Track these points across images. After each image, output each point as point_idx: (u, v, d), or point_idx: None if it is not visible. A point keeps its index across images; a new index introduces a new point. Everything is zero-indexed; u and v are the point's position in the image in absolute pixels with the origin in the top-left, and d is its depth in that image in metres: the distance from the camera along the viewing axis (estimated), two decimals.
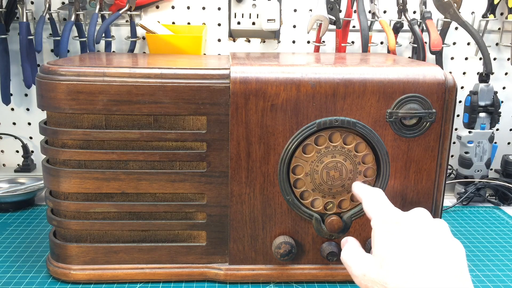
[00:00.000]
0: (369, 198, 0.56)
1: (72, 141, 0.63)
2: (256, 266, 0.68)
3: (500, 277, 0.72)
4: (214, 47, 1.04)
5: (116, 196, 0.65)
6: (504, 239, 0.85)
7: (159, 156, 0.64)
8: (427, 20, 0.98)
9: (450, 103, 0.63)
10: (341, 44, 0.99)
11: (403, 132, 0.63)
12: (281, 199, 0.65)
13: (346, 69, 0.62)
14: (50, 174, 0.65)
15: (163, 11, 1.02)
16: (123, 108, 0.62)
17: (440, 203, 0.67)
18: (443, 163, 0.65)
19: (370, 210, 0.54)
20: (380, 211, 0.52)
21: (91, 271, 0.67)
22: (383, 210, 0.52)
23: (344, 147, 0.63)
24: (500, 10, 1.03)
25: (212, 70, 0.62)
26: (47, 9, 0.97)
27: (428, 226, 0.48)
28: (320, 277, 0.68)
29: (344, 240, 0.57)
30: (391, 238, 0.47)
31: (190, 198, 0.66)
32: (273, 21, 0.97)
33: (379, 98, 0.62)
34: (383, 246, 0.47)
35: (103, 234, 0.67)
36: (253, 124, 0.62)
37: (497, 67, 1.07)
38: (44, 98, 0.62)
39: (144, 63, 0.68)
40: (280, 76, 0.61)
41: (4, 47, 0.99)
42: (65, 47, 0.95)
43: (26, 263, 0.73)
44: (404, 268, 0.44)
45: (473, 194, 0.99)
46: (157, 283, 0.68)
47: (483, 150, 0.99)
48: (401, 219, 0.49)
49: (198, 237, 0.68)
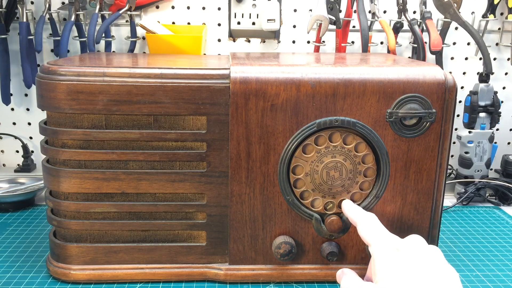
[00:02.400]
0: (365, 223, 0.56)
1: (72, 141, 0.63)
2: (256, 266, 0.68)
3: (500, 277, 0.72)
4: (214, 47, 1.04)
5: (116, 196, 0.65)
6: (504, 239, 0.85)
7: (159, 156, 0.64)
8: (427, 20, 0.98)
9: (450, 103, 0.63)
10: (341, 44, 0.99)
11: (403, 132, 0.63)
12: (281, 199, 0.65)
13: (346, 69, 0.62)
14: (50, 174, 0.65)
15: (163, 11, 1.02)
16: (123, 108, 0.62)
17: (440, 203, 0.67)
18: (443, 163, 0.65)
19: (368, 237, 0.54)
20: (379, 238, 0.53)
21: (91, 271, 0.67)
22: (382, 237, 0.53)
23: (344, 147, 0.63)
24: (500, 10, 1.03)
25: (212, 70, 0.62)
26: (47, 9, 0.97)
27: (425, 253, 0.49)
28: (320, 277, 0.68)
29: (340, 272, 0.57)
30: (393, 267, 0.48)
31: (190, 198, 0.66)
32: (273, 21, 0.97)
33: (379, 98, 0.62)
34: (385, 275, 0.48)
35: (103, 234, 0.67)
36: (253, 124, 0.62)
37: (497, 67, 1.07)
38: (44, 98, 0.62)
39: (144, 63, 0.68)
40: (280, 76, 0.61)
41: (4, 47, 0.99)
42: (65, 47, 0.95)
43: (26, 263, 0.73)
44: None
45: (473, 194, 0.99)
46: (157, 283, 0.68)
47: (483, 150, 0.99)
48: (400, 247, 0.50)
49: (198, 237, 0.68)
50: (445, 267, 0.48)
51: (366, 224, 0.56)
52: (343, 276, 0.56)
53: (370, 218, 0.56)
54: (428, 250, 0.50)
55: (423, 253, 0.49)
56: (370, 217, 0.57)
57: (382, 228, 0.55)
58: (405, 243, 0.51)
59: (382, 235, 0.53)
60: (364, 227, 0.55)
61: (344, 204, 0.62)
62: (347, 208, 0.61)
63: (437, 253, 0.50)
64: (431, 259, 0.48)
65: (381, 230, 0.54)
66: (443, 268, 0.48)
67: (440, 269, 0.47)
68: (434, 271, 0.47)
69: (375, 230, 0.54)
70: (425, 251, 0.50)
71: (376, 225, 0.55)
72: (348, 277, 0.54)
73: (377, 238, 0.53)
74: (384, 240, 0.52)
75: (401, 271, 0.47)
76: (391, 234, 0.54)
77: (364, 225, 0.56)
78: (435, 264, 0.48)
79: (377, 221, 0.56)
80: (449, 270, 0.48)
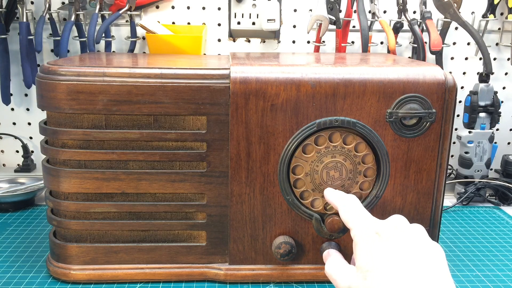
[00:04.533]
0: (345, 207, 0.55)
1: (72, 141, 0.63)
2: (256, 266, 0.68)
3: (500, 277, 0.72)
4: (214, 47, 1.04)
5: (116, 196, 0.65)
6: (504, 239, 0.85)
7: (159, 156, 0.64)
8: (427, 20, 0.98)
9: (450, 103, 0.63)
10: (341, 44, 0.99)
11: (403, 132, 0.63)
12: (281, 199, 0.65)
13: (346, 69, 0.62)
14: (50, 174, 0.65)
15: (163, 11, 1.02)
16: (123, 108, 0.62)
17: (440, 203, 0.67)
18: (443, 163, 0.65)
19: (348, 220, 0.54)
20: (359, 222, 0.52)
21: (91, 271, 0.67)
22: (362, 220, 0.52)
23: (344, 147, 0.63)
24: (500, 10, 1.03)
25: (212, 70, 0.62)
26: (47, 9, 0.97)
27: (407, 233, 0.48)
28: (320, 277, 0.68)
29: (326, 253, 0.57)
30: (373, 250, 0.48)
31: (190, 198, 0.66)
32: (273, 21, 0.97)
33: (379, 98, 0.62)
34: (366, 258, 0.48)
35: (103, 234, 0.67)
36: (253, 124, 0.62)
37: (497, 67, 1.07)
38: (44, 98, 0.62)
39: (144, 63, 0.68)
40: (280, 76, 0.61)
41: (4, 47, 0.99)
42: (65, 47, 0.95)
43: (26, 263, 0.73)
44: (388, 279, 0.45)
45: (473, 194, 0.99)
46: (157, 283, 0.68)
47: (483, 150, 0.99)
48: (380, 229, 0.50)
49: (198, 237, 0.68)
50: (428, 245, 0.47)
51: (347, 207, 0.55)
52: (328, 257, 0.56)
53: (351, 201, 0.56)
54: (410, 229, 0.49)
55: (404, 234, 0.48)
56: (351, 200, 0.56)
57: (363, 211, 0.54)
58: (385, 225, 0.50)
59: (362, 219, 0.52)
60: (344, 211, 0.55)
61: (326, 190, 0.62)
62: (328, 194, 0.61)
63: (419, 232, 0.49)
64: (412, 239, 0.47)
65: (362, 213, 0.53)
66: (425, 247, 0.47)
67: (423, 248, 0.46)
68: (415, 250, 0.46)
69: (355, 213, 0.54)
70: (406, 232, 0.48)
71: (356, 208, 0.54)
72: (333, 259, 0.54)
73: (357, 222, 0.52)
74: (364, 223, 0.51)
75: (381, 254, 0.47)
76: (371, 217, 0.53)
77: (344, 209, 0.55)
78: (417, 244, 0.47)
79: (358, 204, 0.55)
80: (433, 247, 0.47)
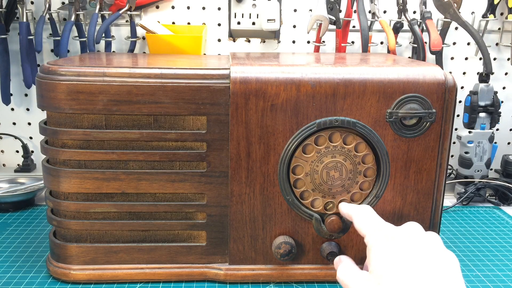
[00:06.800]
0: (360, 216, 0.55)
1: (72, 141, 0.63)
2: (256, 266, 0.68)
3: (500, 277, 0.72)
4: (214, 47, 1.04)
5: (116, 196, 0.65)
6: (504, 239, 0.85)
7: (159, 156, 0.64)
8: (427, 20, 0.98)
9: (450, 103, 0.63)
10: (341, 44, 0.99)
11: (403, 132, 0.63)
12: (281, 199, 0.65)
13: (346, 69, 0.62)
14: (50, 174, 0.65)
15: (163, 11, 1.02)
16: (123, 108, 0.62)
17: (440, 203, 0.67)
18: (443, 163, 0.65)
19: (363, 227, 0.53)
20: (373, 228, 0.52)
21: (91, 271, 0.67)
22: (376, 227, 0.52)
23: (344, 147, 0.63)
24: (500, 10, 1.03)
25: (212, 70, 0.62)
26: (47, 9, 0.97)
27: (422, 240, 0.48)
28: (320, 277, 0.68)
29: (338, 259, 0.57)
30: (387, 255, 0.47)
31: (190, 198, 0.66)
32: (273, 21, 0.97)
33: (379, 98, 0.62)
34: (380, 264, 0.47)
35: (103, 234, 0.67)
36: (253, 124, 0.62)
37: (497, 67, 1.07)
38: (44, 98, 0.62)
39: (144, 63, 0.68)
40: (280, 76, 0.61)
41: (4, 47, 0.99)
42: (65, 47, 0.95)
43: (26, 263, 0.73)
44: (402, 284, 0.44)
45: (473, 194, 0.99)
46: (157, 283, 0.68)
47: (483, 150, 0.99)
48: (395, 234, 0.49)
49: (198, 237, 0.68)
50: (443, 253, 0.46)
51: (361, 216, 0.55)
52: (339, 263, 0.56)
53: (364, 209, 0.56)
54: (425, 236, 0.49)
55: (419, 240, 0.48)
56: (365, 209, 0.56)
57: (377, 218, 0.54)
58: (400, 231, 0.50)
59: (376, 225, 0.52)
60: (359, 219, 0.55)
61: (341, 204, 0.62)
62: (343, 206, 0.61)
63: (435, 239, 0.48)
64: (427, 246, 0.47)
65: (376, 220, 0.53)
66: (440, 254, 0.46)
67: (437, 255, 0.46)
68: (430, 258, 0.46)
69: (369, 220, 0.54)
70: (421, 238, 0.48)
71: (371, 215, 0.55)
72: (345, 265, 0.54)
73: (371, 228, 0.52)
74: (378, 229, 0.51)
75: (395, 260, 0.46)
76: (386, 223, 0.53)
77: (359, 217, 0.55)
78: (432, 251, 0.46)
79: (372, 212, 0.55)
80: (448, 255, 0.46)
